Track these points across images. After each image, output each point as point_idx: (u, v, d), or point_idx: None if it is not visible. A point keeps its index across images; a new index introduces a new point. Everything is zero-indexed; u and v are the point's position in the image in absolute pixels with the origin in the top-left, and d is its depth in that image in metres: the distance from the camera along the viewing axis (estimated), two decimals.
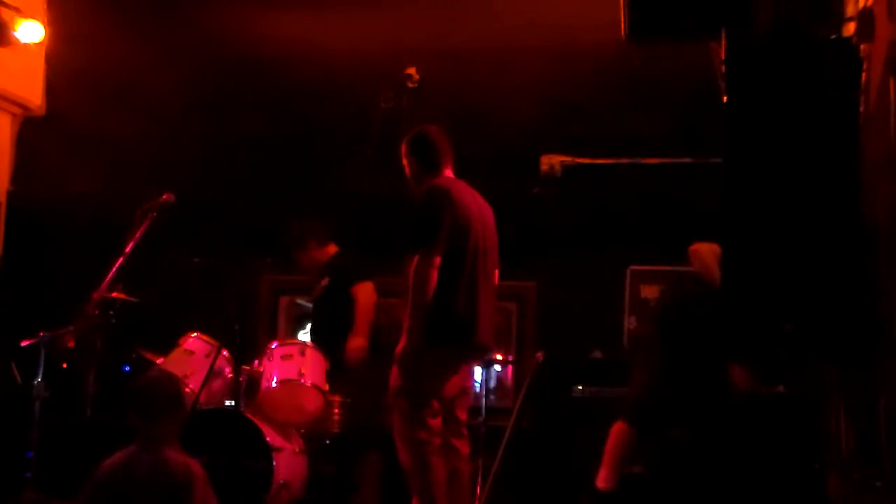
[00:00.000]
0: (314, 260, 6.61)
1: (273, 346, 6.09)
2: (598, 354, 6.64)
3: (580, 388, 6.28)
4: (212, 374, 5.86)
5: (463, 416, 5.15)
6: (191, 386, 5.85)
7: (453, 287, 4.90)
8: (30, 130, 7.86)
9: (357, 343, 6.19)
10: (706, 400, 5.41)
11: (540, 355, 6.06)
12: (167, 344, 6.18)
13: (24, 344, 5.84)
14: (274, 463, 5.57)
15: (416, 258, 4.83)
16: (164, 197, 5.92)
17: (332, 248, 6.64)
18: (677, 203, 6.89)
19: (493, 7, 7.07)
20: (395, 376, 4.95)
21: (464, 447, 5.10)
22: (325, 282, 6.52)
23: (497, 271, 5.27)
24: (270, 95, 7.52)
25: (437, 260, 4.82)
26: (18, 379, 6.34)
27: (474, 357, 5.31)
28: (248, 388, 6.01)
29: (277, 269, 7.39)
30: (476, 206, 5.14)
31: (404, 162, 5.25)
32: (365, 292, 6.39)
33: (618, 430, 5.53)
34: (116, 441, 5.24)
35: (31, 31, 7.15)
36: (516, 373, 7.48)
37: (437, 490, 4.87)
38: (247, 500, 5.39)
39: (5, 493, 5.78)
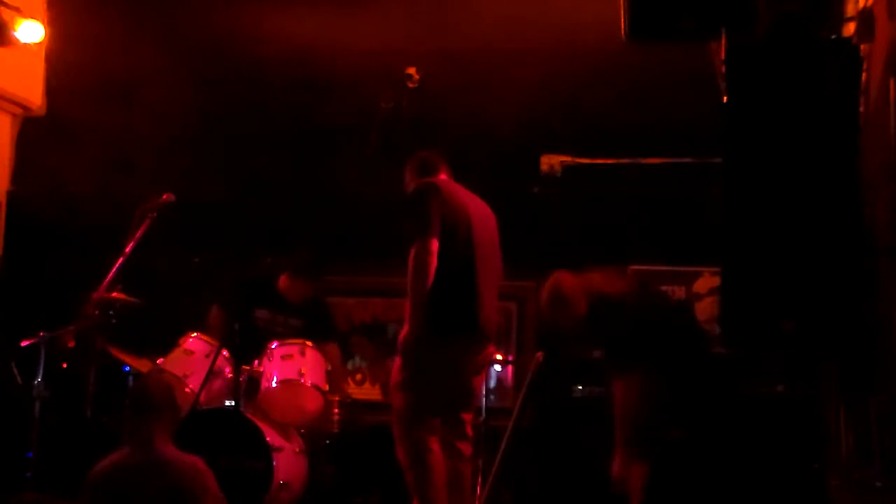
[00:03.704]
0: None
1: (273, 346, 6.09)
2: (598, 354, 6.63)
3: (580, 388, 6.27)
4: (212, 374, 5.86)
5: (467, 416, 5.14)
6: (191, 386, 5.86)
7: (449, 274, 4.93)
8: (30, 130, 7.86)
9: None
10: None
11: (540, 355, 6.06)
12: (167, 344, 6.18)
13: (24, 344, 5.84)
14: (274, 463, 5.57)
15: (413, 247, 4.88)
16: (164, 197, 5.92)
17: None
18: (677, 203, 6.89)
19: (494, 7, 7.06)
20: (396, 367, 4.96)
21: (466, 449, 5.09)
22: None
23: (499, 273, 5.31)
24: (270, 95, 7.52)
25: (434, 245, 4.87)
26: (18, 379, 6.34)
27: (475, 345, 5.18)
28: (248, 388, 6.01)
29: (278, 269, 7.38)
30: (473, 204, 5.20)
31: (407, 185, 5.34)
32: None
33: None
34: (116, 441, 5.25)
35: (31, 31, 7.13)
36: (516, 373, 7.48)
37: (434, 489, 4.87)
38: (247, 500, 5.39)
39: (5, 493, 5.78)
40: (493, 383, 7.02)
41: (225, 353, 6.00)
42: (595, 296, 5.12)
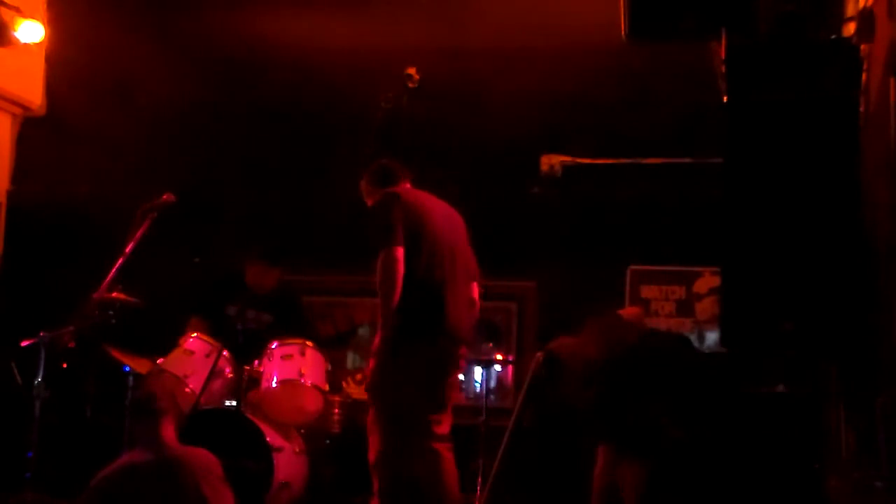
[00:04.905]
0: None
1: (273, 346, 6.08)
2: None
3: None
4: (212, 374, 5.86)
5: (443, 418, 5.14)
6: (191, 386, 5.85)
7: (417, 280, 5.00)
8: (30, 130, 7.86)
9: None
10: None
11: (540, 355, 6.06)
12: (167, 344, 6.17)
13: (24, 344, 5.85)
14: (274, 463, 5.57)
15: (380, 257, 4.96)
16: (164, 197, 5.92)
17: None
18: (677, 203, 6.89)
19: (494, 7, 7.06)
20: (371, 371, 5.02)
21: (443, 448, 5.10)
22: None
23: (475, 286, 5.38)
24: (270, 95, 7.52)
25: (399, 252, 4.95)
26: (18, 379, 6.34)
27: (447, 347, 5.16)
28: (248, 388, 6.01)
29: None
30: (438, 209, 5.27)
31: (370, 203, 5.38)
32: None
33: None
34: (116, 441, 5.24)
35: (31, 31, 7.14)
36: (516, 373, 7.48)
37: (400, 491, 4.92)
38: (247, 500, 5.39)
39: (5, 493, 5.78)
40: (493, 383, 7.02)
41: (225, 353, 6.00)
42: (586, 363, 5.12)
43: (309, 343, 6.13)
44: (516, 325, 7.68)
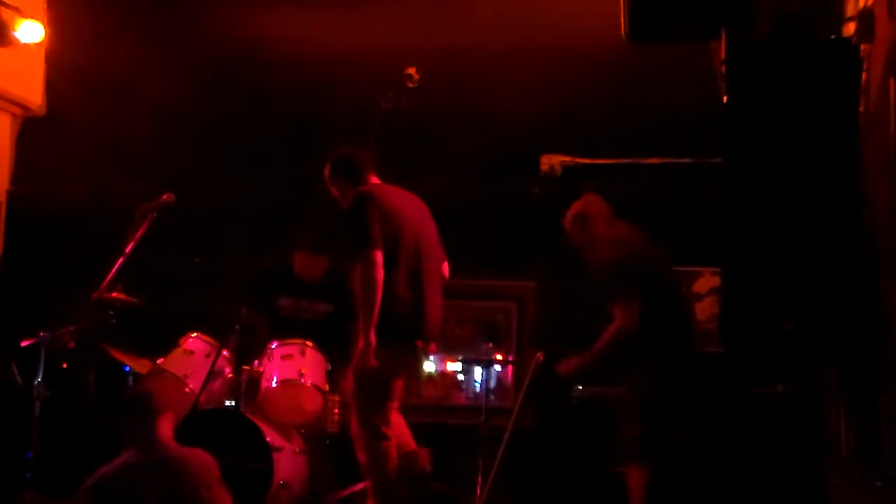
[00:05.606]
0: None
1: (273, 346, 6.08)
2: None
3: (580, 388, 6.27)
4: (212, 374, 5.86)
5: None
6: (191, 386, 5.86)
7: (394, 281, 5.04)
8: (30, 130, 7.86)
9: None
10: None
11: (540, 355, 6.06)
12: (167, 344, 6.18)
13: (24, 344, 5.85)
14: (274, 463, 5.57)
15: (358, 262, 4.98)
16: (164, 197, 5.92)
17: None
18: (677, 203, 6.89)
19: (494, 7, 7.06)
20: (353, 375, 5.09)
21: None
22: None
23: (445, 264, 5.46)
24: (270, 95, 7.52)
25: (379, 256, 4.97)
26: (18, 379, 6.34)
27: (423, 349, 5.34)
28: (248, 388, 6.01)
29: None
30: (409, 204, 5.31)
31: (334, 192, 5.43)
32: None
33: None
34: (116, 441, 5.24)
35: (31, 31, 7.14)
36: (516, 373, 7.48)
37: (393, 485, 5.04)
38: (247, 500, 5.39)
39: (5, 493, 5.78)
40: (493, 383, 7.02)
41: (225, 352, 6.00)
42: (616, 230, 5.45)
43: (309, 343, 6.13)
44: (516, 325, 7.68)
